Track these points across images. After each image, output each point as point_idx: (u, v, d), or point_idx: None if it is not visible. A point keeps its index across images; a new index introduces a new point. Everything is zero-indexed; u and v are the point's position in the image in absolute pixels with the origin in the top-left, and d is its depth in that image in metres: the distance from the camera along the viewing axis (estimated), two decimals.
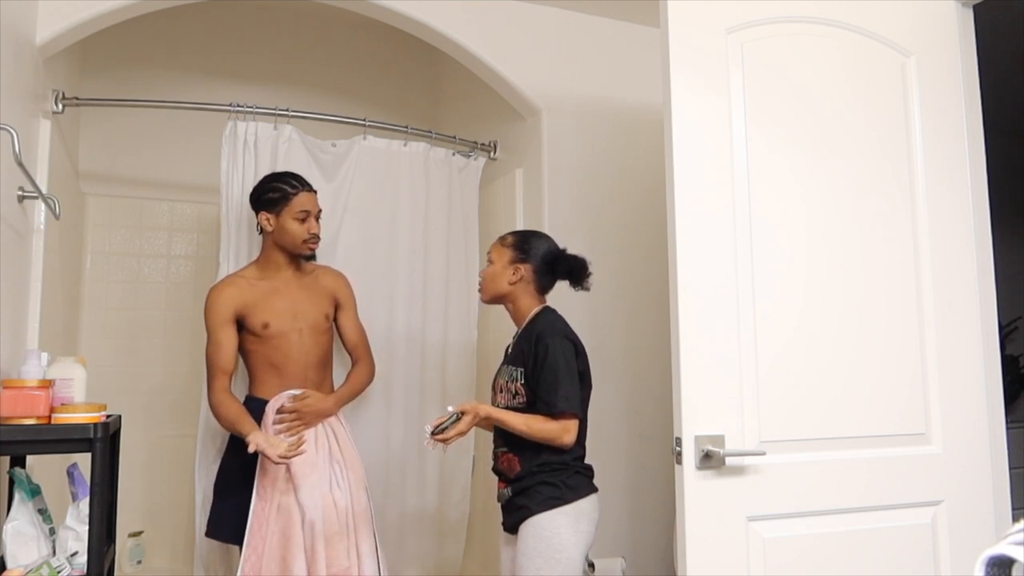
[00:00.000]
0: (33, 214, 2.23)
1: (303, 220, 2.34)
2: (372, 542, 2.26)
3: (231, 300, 2.32)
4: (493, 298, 2.13)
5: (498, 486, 2.07)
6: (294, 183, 2.36)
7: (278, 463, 2.10)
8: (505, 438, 2.02)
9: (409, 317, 2.88)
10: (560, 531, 1.90)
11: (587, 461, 2.06)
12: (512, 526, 2.00)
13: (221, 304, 2.31)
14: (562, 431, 1.94)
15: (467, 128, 3.25)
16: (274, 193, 2.34)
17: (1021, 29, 3.01)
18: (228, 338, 2.30)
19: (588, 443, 2.77)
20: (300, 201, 2.34)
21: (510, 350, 2.11)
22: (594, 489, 2.02)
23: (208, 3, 2.77)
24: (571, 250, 2.76)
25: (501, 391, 2.08)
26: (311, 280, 2.45)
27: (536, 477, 1.96)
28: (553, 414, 1.93)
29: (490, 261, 2.13)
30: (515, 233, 2.18)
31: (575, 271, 2.11)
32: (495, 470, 2.09)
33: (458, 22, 2.67)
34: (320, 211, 2.40)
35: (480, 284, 2.15)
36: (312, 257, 2.45)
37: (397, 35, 2.87)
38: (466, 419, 1.90)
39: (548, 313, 2.09)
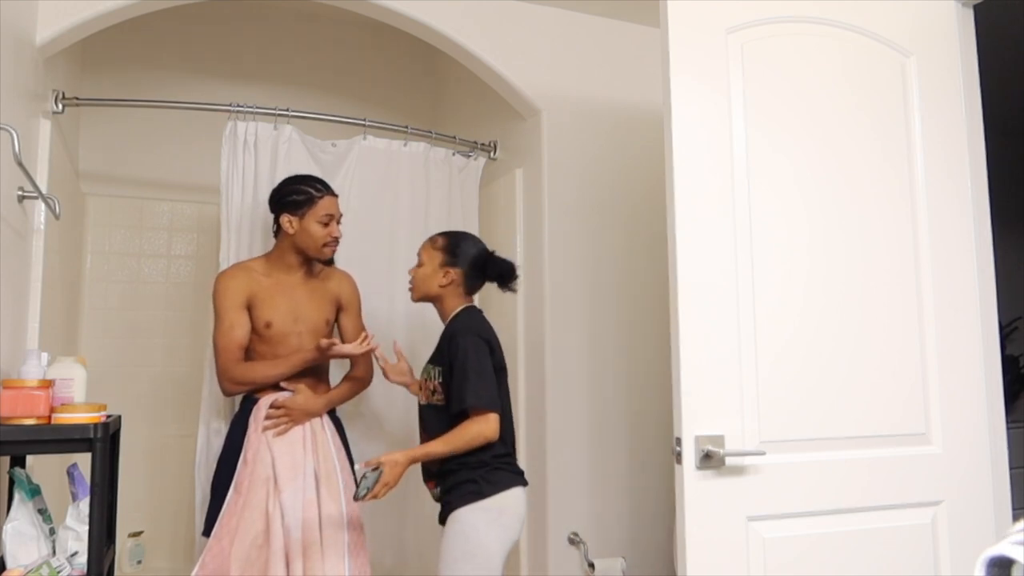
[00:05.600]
0: (33, 214, 2.23)
1: (326, 224, 2.35)
2: (341, 558, 2.21)
3: (243, 287, 2.33)
4: (422, 298, 2.20)
5: (429, 487, 2.14)
6: (319, 187, 2.37)
7: (353, 353, 2.27)
8: (431, 439, 2.06)
9: (409, 317, 2.88)
10: (479, 527, 1.96)
11: (585, 459, 2.08)
12: (442, 520, 2.07)
13: (233, 289, 2.32)
14: (483, 425, 1.99)
15: (467, 128, 3.25)
16: (299, 195, 2.34)
17: (1021, 29, 3.01)
18: (242, 321, 2.31)
19: (589, 442, 2.77)
20: (325, 205, 2.35)
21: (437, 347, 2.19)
22: (520, 483, 2.06)
23: (208, 3, 2.77)
24: (570, 251, 2.78)
25: (421, 388, 2.17)
26: (317, 283, 2.45)
27: (458, 474, 2.01)
28: (465, 411, 2.00)
29: (420, 263, 2.19)
30: (445, 235, 2.23)
31: (504, 274, 2.18)
32: (425, 471, 2.14)
33: (458, 22, 2.67)
34: (341, 215, 2.42)
35: (410, 283, 2.21)
36: (331, 262, 2.45)
37: (397, 35, 2.87)
38: (389, 472, 1.92)
39: (466, 312, 2.15)
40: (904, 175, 1.94)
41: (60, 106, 2.44)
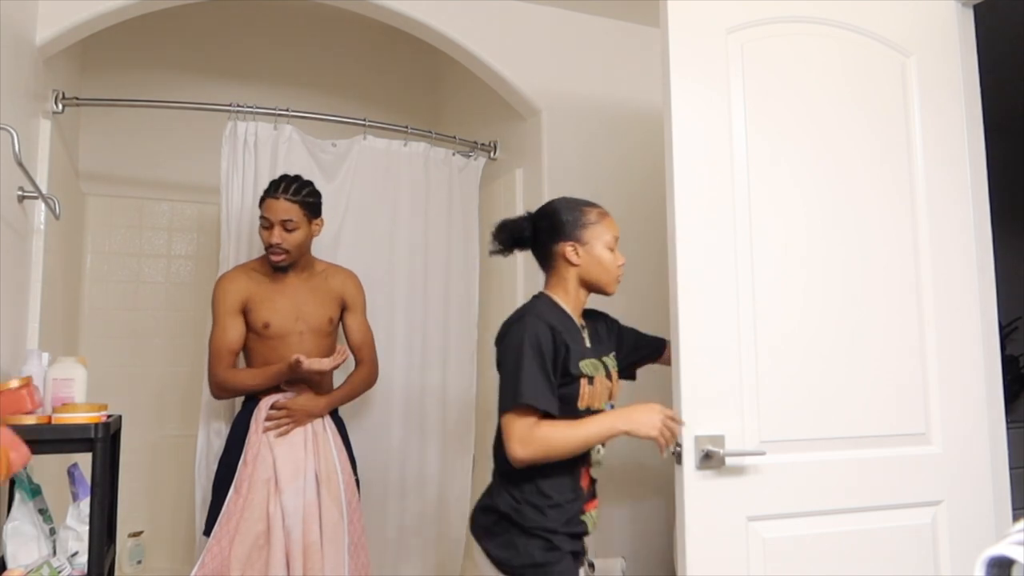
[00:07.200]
0: (33, 214, 2.23)
1: (266, 227, 2.31)
2: (341, 560, 2.21)
3: (240, 290, 2.33)
4: None
5: (590, 508, 1.73)
6: (270, 187, 2.32)
7: (325, 369, 2.23)
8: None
9: (409, 317, 2.88)
10: None
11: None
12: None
13: (231, 293, 2.32)
14: None
15: (467, 128, 3.25)
16: (262, 193, 2.35)
17: (1021, 29, 3.01)
18: (235, 325, 2.32)
19: None
20: (264, 206, 2.31)
21: (590, 339, 1.80)
22: None
23: (208, 3, 2.77)
24: None
25: (593, 388, 1.73)
26: (319, 281, 2.44)
27: None
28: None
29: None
30: None
31: None
32: (592, 493, 1.76)
33: (458, 22, 2.67)
34: (288, 220, 2.28)
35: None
36: (282, 269, 2.35)
37: (397, 35, 2.87)
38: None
39: None
40: (904, 175, 1.94)
41: (60, 106, 2.44)
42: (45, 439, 1.71)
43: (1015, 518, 1.65)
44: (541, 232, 1.79)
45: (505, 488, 1.67)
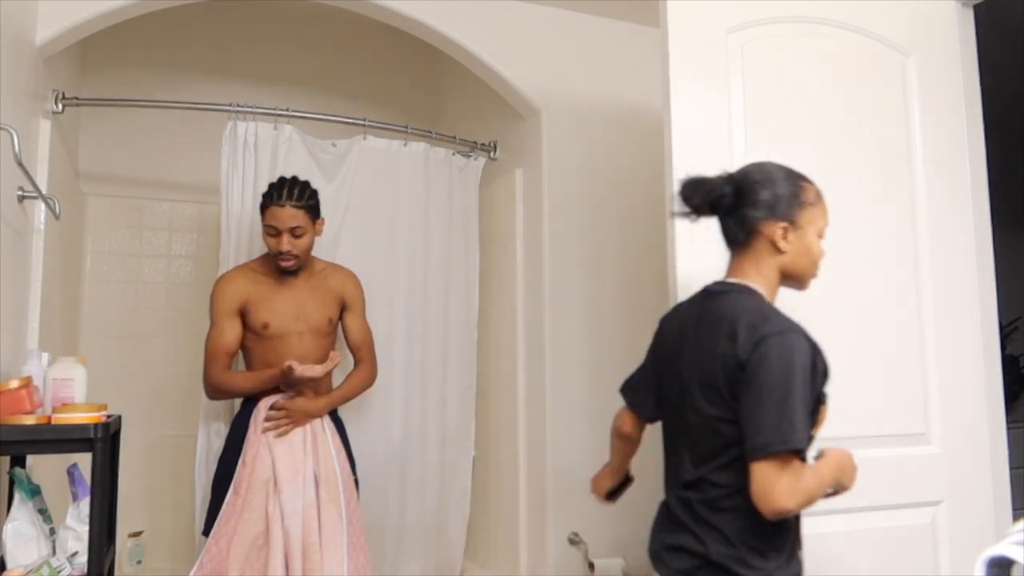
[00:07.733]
0: (33, 214, 2.23)
1: (272, 235, 2.29)
2: (341, 560, 2.20)
3: (238, 292, 2.33)
4: None
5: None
6: (274, 193, 2.28)
7: (317, 376, 2.22)
8: None
9: (409, 317, 2.88)
10: None
11: (585, 458, 2.02)
12: None
13: (229, 294, 2.32)
14: None
15: (467, 128, 3.25)
16: (262, 199, 2.32)
17: (1021, 29, 3.01)
18: (232, 327, 2.32)
19: (589, 442, 2.76)
20: (269, 214, 2.28)
21: None
22: None
23: (208, 3, 2.77)
24: (569, 251, 2.77)
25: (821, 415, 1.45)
26: (319, 280, 2.44)
27: None
28: None
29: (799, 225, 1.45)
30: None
31: None
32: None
33: (458, 22, 2.67)
34: (296, 227, 2.26)
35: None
36: (290, 273, 2.36)
37: (397, 35, 2.87)
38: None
39: None
40: (904, 175, 1.94)
41: (60, 106, 2.44)
42: (45, 439, 1.71)
43: (1015, 518, 1.65)
44: (745, 201, 1.44)
45: (715, 528, 1.38)
